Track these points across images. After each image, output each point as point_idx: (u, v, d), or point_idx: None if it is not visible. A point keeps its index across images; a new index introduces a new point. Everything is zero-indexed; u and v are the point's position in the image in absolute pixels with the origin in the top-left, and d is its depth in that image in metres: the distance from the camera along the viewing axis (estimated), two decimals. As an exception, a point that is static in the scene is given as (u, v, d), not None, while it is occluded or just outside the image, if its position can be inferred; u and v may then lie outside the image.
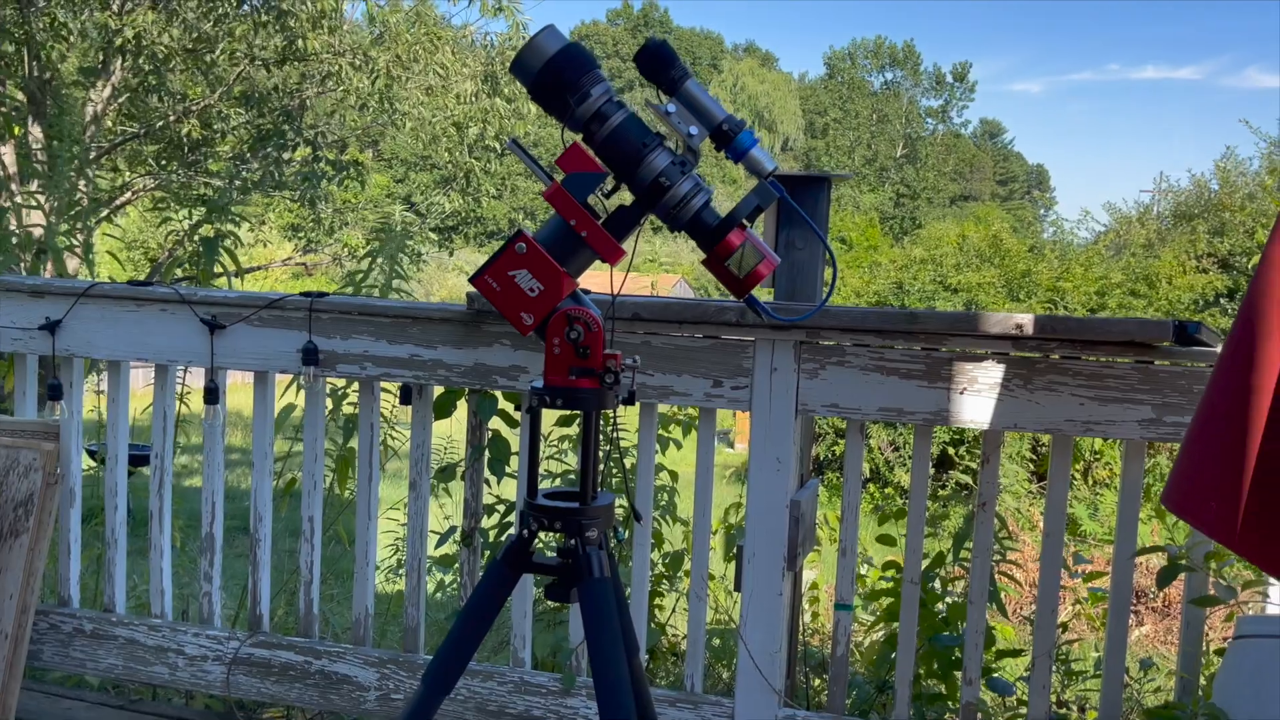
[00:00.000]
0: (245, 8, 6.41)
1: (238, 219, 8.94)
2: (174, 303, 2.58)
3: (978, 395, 2.18)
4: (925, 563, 2.48)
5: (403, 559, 3.95)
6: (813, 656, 3.34)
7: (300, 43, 6.18)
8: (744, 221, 1.54)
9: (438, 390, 2.54)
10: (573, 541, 1.55)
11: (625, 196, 1.61)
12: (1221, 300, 11.44)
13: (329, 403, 2.78)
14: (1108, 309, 9.54)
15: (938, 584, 2.71)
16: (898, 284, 10.77)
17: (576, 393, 1.54)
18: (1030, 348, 2.14)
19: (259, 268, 9.27)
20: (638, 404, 2.12)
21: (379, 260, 3.36)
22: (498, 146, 7.52)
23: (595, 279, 1.75)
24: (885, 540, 3.03)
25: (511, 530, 2.60)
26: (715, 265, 1.55)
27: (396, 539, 3.88)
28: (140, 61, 6.69)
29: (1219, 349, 2.08)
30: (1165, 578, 2.10)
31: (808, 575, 3.89)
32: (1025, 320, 2.11)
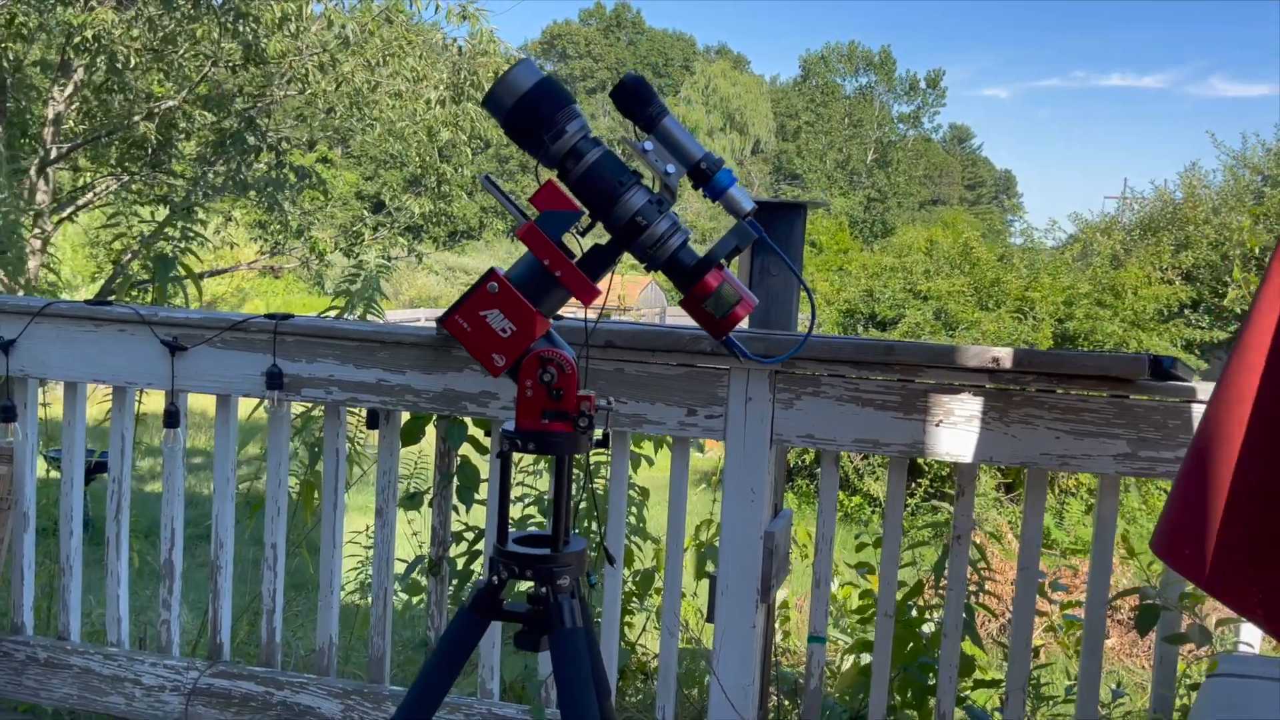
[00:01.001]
0: (204, 5, 6.27)
1: (203, 220, 8.83)
2: (133, 323, 2.51)
3: (954, 428, 2.16)
4: (901, 592, 2.46)
5: (366, 579, 3.88)
6: (785, 680, 3.31)
7: (263, 44, 6.07)
8: (721, 262, 1.50)
9: (405, 416, 2.49)
10: (544, 589, 1.51)
11: (599, 233, 1.57)
12: (1186, 311, 11.59)
13: (296, 421, 2.72)
14: (1075, 318, 9.62)
15: (916, 604, 2.69)
16: (868, 291, 10.80)
17: (549, 437, 1.50)
18: (1007, 380, 2.13)
19: (225, 270, 9.13)
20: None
21: (354, 302, 3.30)
22: (469, 151, 7.45)
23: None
24: (850, 545, 3.01)
25: (480, 560, 2.55)
26: (692, 306, 1.52)
27: (360, 561, 3.82)
28: (101, 61, 6.55)
29: (1194, 384, 2.08)
30: (1145, 624, 2.09)
31: (778, 594, 3.87)
32: (1002, 354, 2.09)
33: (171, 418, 2.50)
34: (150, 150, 7.72)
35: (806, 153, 59.87)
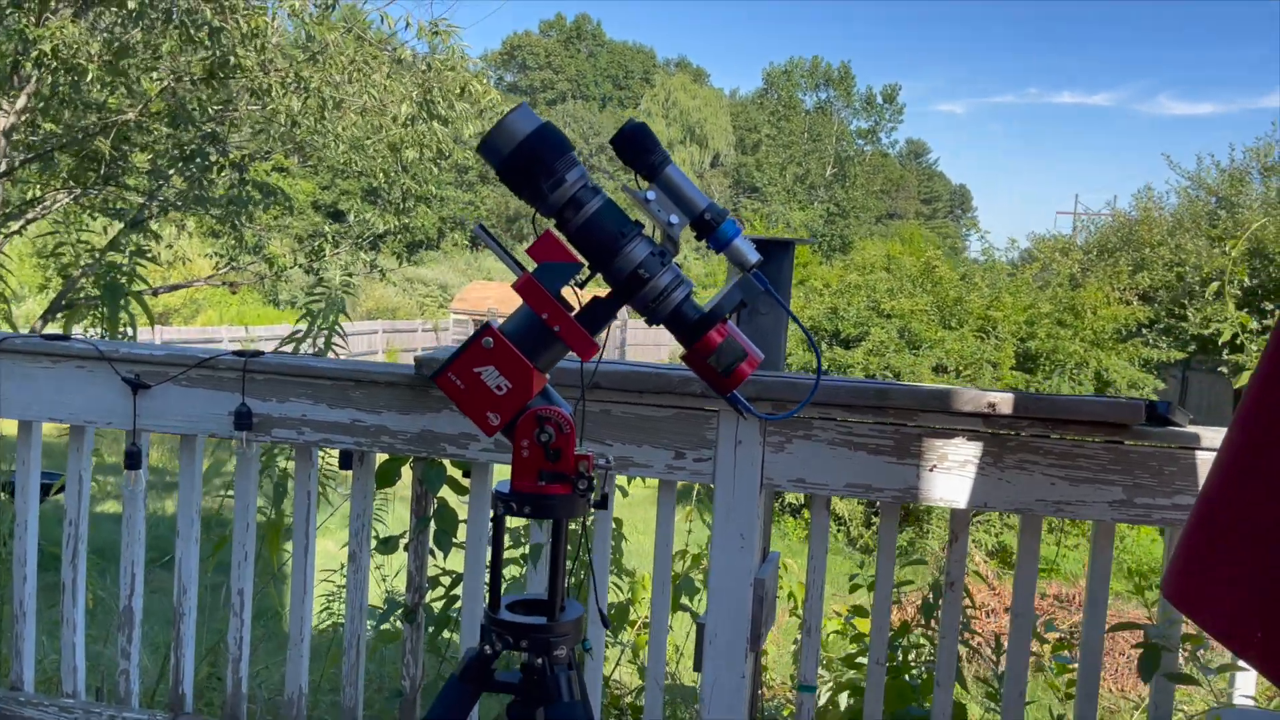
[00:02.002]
0: (174, 20, 6.12)
1: (157, 234, 8.61)
2: (93, 359, 2.39)
3: (948, 473, 2.11)
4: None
5: (335, 618, 3.77)
6: (765, 716, 3.25)
7: (232, 58, 5.91)
8: (726, 317, 1.44)
9: (381, 457, 2.40)
10: (540, 660, 1.43)
11: (596, 283, 1.51)
12: (1144, 331, 11.76)
13: (261, 456, 2.61)
14: (1037, 338, 9.72)
15: (901, 645, 2.64)
16: (833, 309, 10.82)
17: (546, 500, 1.43)
18: (1001, 425, 2.09)
19: (181, 286, 8.92)
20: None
21: (316, 327, 3.20)
22: (434, 169, 7.33)
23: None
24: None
25: (459, 605, 2.46)
26: (696, 361, 1.46)
27: (327, 596, 3.70)
28: (61, 75, 6.36)
29: (1190, 429, 2.05)
30: (1147, 668, 2.05)
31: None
32: (998, 398, 2.06)
33: (132, 459, 2.39)
34: (104, 164, 7.51)
35: (766, 166, 60.19)
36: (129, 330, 4.29)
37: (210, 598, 3.32)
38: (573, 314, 1.44)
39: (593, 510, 1.51)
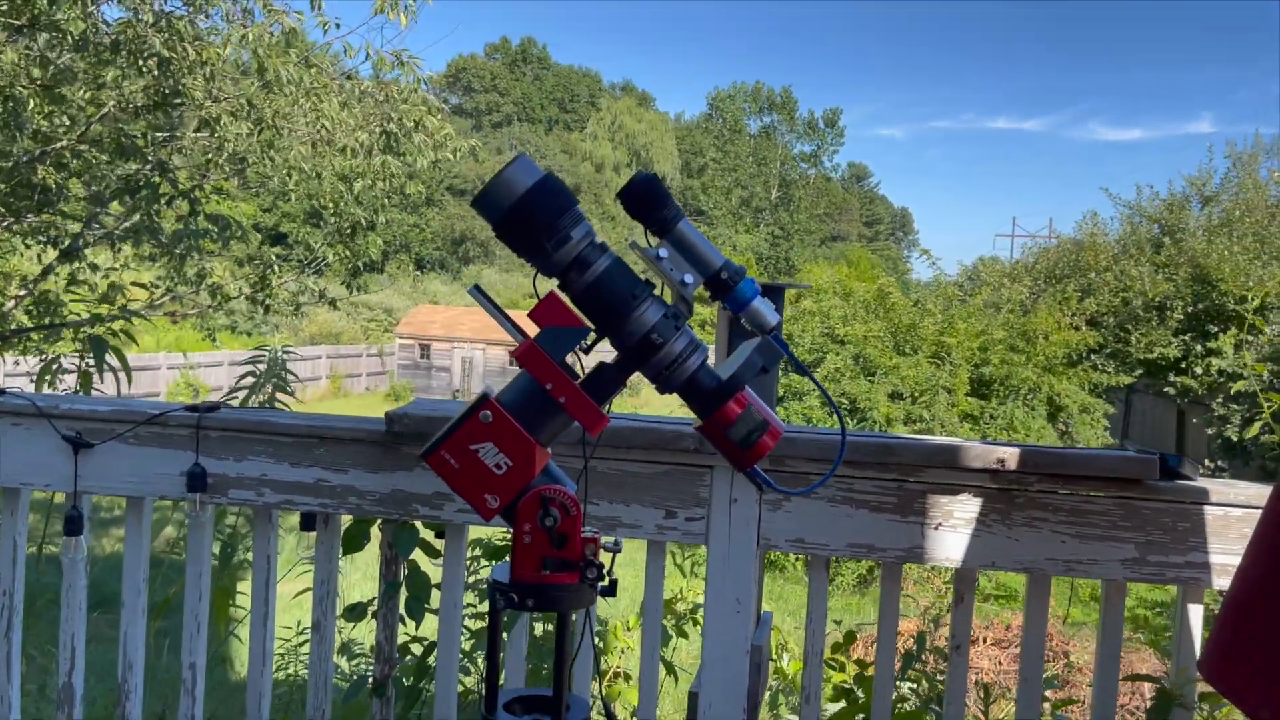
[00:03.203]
0: (120, 54, 5.87)
1: (93, 264, 8.26)
2: (30, 416, 2.20)
3: (953, 531, 2.01)
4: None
5: (293, 674, 3.56)
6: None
7: (180, 86, 5.66)
8: (746, 387, 1.32)
9: (347, 519, 2.23)
10: (544, 768, 1.29)
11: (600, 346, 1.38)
12: (1092, 355, 11.93)
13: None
14: (991, 363, 9.77)
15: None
16: (787, 335, 10.79)
17: (551, 591, 1.29)
18: (1009, 480, 2.00)
19: (116, 317, 8.55)
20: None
21: (261, 385, 3.02)
22: (386, 203, 7.12)
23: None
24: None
25: (431, 678, 2.30)
26: (713, 433, 1.33)
27: (281, 653, 3.50)
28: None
29: (1203, 484, 1.98)
30: (1159, 717, 1.97)
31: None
32: (1007, 454, 1.96)
33: (73, 524, 2.19)
34: (39, 191, 7.19)
35: (712, 189, 60.60)
36: (119, 379, 4.09)
37: (152, 642, 3.11)
38: (579, 382, 1.31)
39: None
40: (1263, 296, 11.54)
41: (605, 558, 1.36)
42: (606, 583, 1.34)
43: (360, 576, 6.43)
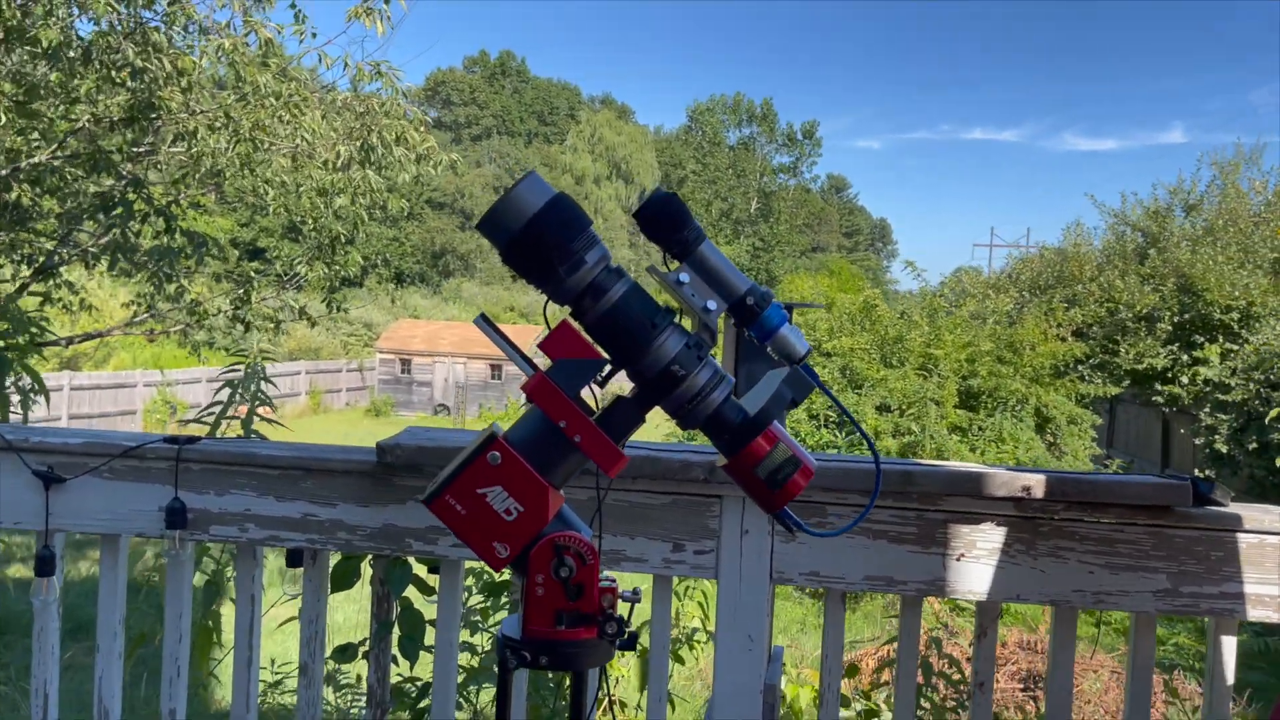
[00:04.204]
0: (91, 65, 5.73)
1: (69, 282, 8.10)
2: (-2, 450, 2.07)
3: (976, 562, 1.92)
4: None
5: (273, 702, 3.42)
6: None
7: (155, 99, 5.54)
8: (775, 422, 1.22)
9: (336, 556, 2.12)
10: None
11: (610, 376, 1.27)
12: (1079, 366, 11.92)
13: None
14: (979, 375, 9.72)
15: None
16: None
17: (566, 648, 1.18)
18: (1034, 508, 1.91)
19: (92, 335, 8.38)
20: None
21: (237, 394, 2.90)
22: (364, 216, 6.99)
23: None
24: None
25: (427, 721, 2.18)
26: (739, 473, 1.23)
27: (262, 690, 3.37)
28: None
29: (1236, 511, 1.89)
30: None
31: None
32: (1033, 480, 1.87)
33: (44, 565, 2.07)
34: (11, 208, 7.03)
35: (692, 201, 60.62)
36: (28, 400, 3.91)
37: (130, 672, 2.97)
38: (594, 418, 1.20)
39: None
40: (1248, 304, 11.57)
41: (623, 608, 1.26)
42: (625, 636, 1.23)
43: (342, 598, 6.28)
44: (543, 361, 1.24)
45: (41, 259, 7.37)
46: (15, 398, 3.97)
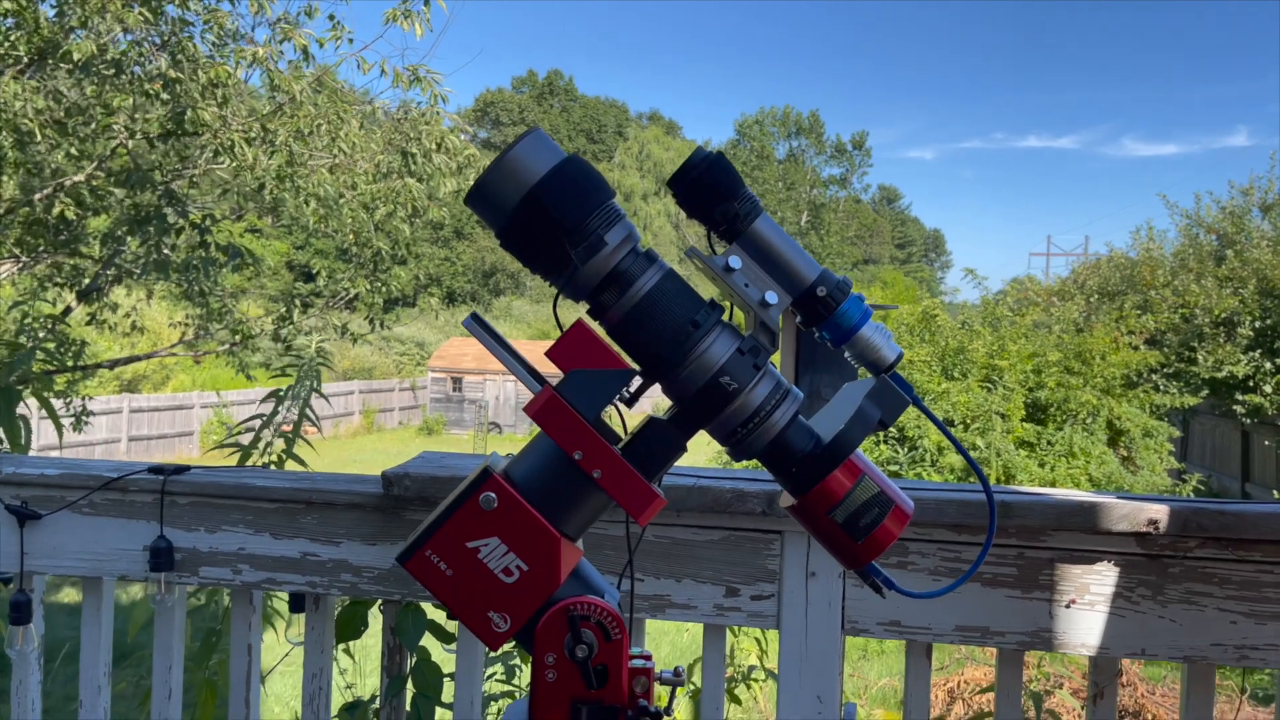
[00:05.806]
0: (124, 77, 5.64)
1: (113, 305, 8.04)
2: (-32, 482, 1.85)
3: (1090, 609, 1.60)
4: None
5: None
6: None
7: (190, 114, 5.43)
8: (858, 451, 0.93)
9: (341, 600, 1.86)
10: None
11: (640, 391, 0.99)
12: (1153, 375, 11.36)
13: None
14: (1046, 387, 9.26)
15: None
16: (828, 362, 10.33)
17: (587, 752, 0.90)
18: (1161, 545, 1.59)
19: (138, 358, 8.32)
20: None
21: (292, 396, 2.69)
22: (406, 229, 6.83)
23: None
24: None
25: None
26: (812, 516, 0.94)
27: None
28: (4, 137, 5.85)
29: None
30: None
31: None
32: (1160, 512, 1.55)
33: (19, 612, 1.84)
34: (53, 229, 6.97)
35: (742, 215, 60.25)
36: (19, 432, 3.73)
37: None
38: (619, 446, 0.92)
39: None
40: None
41: (662, 693, 0.97)
42: (666, 727, 0.94)
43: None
44: (553, 374, 0.96)
45: (85, 280, 7.31)
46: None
